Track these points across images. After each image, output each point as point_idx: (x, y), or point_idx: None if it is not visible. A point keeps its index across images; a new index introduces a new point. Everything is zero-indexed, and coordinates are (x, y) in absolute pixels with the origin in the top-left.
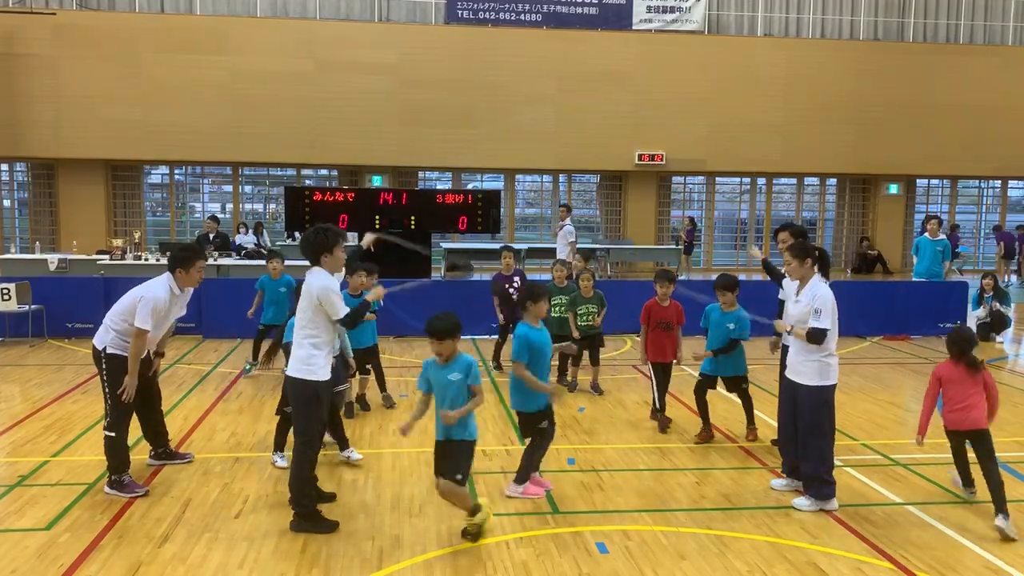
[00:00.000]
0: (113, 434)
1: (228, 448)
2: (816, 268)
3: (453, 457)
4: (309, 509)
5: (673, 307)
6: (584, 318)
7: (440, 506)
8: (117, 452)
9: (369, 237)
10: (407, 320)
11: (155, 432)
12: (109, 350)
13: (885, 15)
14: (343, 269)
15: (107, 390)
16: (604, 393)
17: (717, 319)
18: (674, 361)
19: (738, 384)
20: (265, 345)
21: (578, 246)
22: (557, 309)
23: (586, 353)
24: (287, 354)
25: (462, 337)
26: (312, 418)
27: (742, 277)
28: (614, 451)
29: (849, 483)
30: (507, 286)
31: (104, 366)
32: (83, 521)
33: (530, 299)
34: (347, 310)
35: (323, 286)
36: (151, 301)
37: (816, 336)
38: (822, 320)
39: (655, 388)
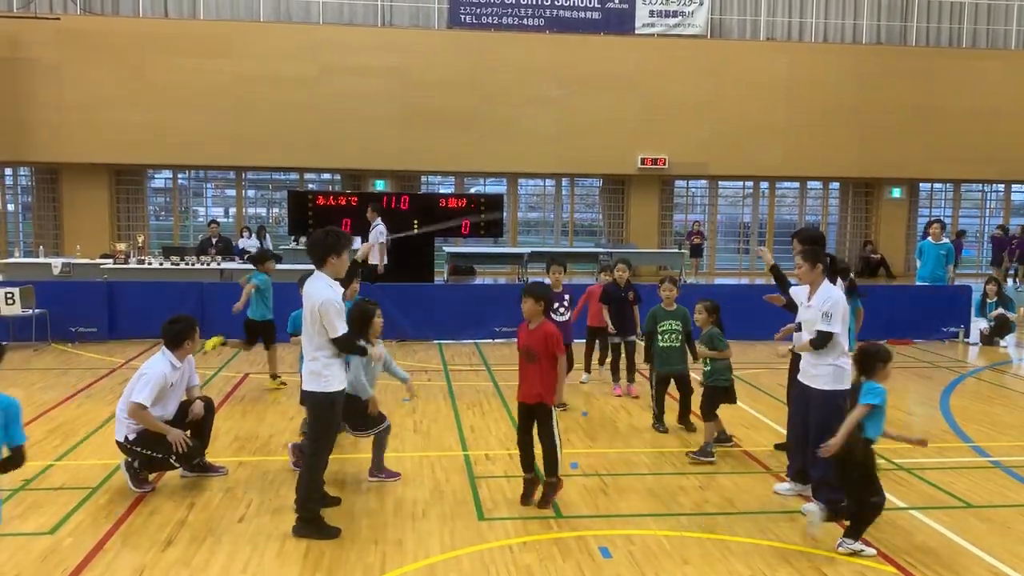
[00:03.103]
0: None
1: (231, 452)
2: (824, 274)
3: None
4: (313, 514)
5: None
6: (666, 338)
7: (443, 510)
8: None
9: (365, 248)
10: (406, 325)
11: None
12: (130, 437)
13: (888, 19)
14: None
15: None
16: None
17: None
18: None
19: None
20: None
21: (582, 251)
22: (667, 338)
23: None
24: None
25: (465, 340)
26: (326, 423)
27: (744, 281)
28: (617, 455)
29: None
30: (556, 305)
31: (139, 450)
32: (87, 525)
33: None
34: (345, 329)
35: (326, 299)
36: (152, 376)
37: (820, 341)
38: (832, 324)
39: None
